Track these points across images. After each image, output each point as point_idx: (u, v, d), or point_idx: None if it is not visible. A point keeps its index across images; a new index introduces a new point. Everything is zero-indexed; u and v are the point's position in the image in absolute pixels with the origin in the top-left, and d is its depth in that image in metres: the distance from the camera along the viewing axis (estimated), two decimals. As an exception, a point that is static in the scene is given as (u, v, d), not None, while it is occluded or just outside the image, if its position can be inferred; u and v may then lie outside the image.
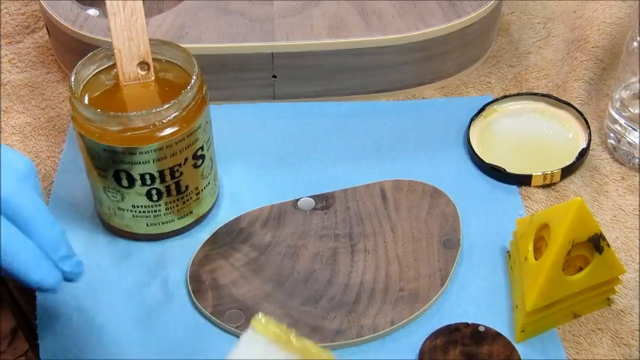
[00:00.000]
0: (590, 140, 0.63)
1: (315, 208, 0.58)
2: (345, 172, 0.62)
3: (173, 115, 0.51)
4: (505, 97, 0.67)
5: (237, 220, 0.58)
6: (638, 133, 0.61)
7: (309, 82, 0.67)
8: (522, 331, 0.50)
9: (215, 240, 0.56)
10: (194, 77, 0.52)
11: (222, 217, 0.59)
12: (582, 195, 0.59)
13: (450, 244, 0.56)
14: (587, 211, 0.49)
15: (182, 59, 0.55)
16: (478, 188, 0.61)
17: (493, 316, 0.52)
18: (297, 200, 0.59)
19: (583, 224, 0.49)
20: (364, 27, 0.66)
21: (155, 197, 0.54)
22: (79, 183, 0.59)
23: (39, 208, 0.43)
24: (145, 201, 0.53)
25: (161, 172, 0.53)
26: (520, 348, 0.49)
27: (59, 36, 0.68)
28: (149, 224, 0.56)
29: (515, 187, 0.61)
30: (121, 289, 0.54)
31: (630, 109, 0.62)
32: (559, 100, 0.66)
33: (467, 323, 0.50)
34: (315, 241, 0.56)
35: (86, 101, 0.53)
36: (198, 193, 0.56)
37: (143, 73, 0.55)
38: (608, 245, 0.50)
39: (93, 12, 0.70)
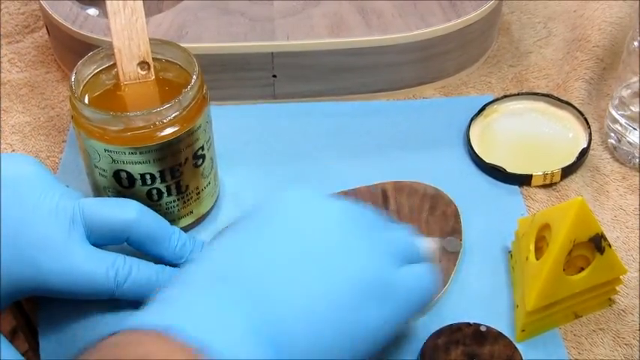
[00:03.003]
0: (590, 140, 0.63)
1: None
2: (346, 172, 0.62)
3: (173, 115, 0.51)
4: (505, 96, 0.67)
5: None
6: (638, 132, 0.61)
7: (310, 81, 0.67)
8: (523, 330, 0.50)
9: None
10: (194, 77, 0.52)
11: (223, 217, 0.59)
12: (583, 195, 0.59)
13: (452, 244, 0.56)
14: (588, 211, 0.49)
15: (182, 59, 0.55)
16: (478, 188, 0.61)
17: (495, 316, 0.51)
18: (298, 201, 0.59)
19: (584, 224, 0.49)
20: (364, 27, 0.66)
21: (156, 197, 0.54)
22: (80, 183, 0.59)
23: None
24: (145, 201, 0.53)
25: (161, 172, 0.53)
26: (522, 348, 0.49)
27: (59, 35, 0.68)
28: (149, 224, 0.55)
29: (516, 187, 0.61)
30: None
31: (631, 107, 0.62)
32: (559, 100, 0.66)
33: (468, 323, 0.50)
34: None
35: (86, 101, 0.53)
36: (199, 192, 0.56)
37: (143, 72, 0.54)
38: (610, 245, 0.50)
39: (93, 12, 0.70)
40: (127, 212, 0.50)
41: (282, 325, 0.39)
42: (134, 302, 0.49)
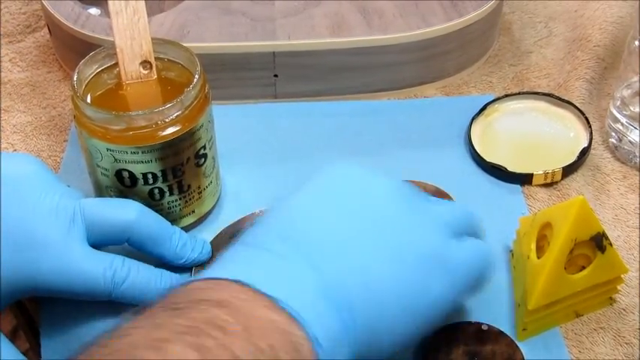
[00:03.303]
0: (591, 139, 0.63)
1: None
2: (347, 172, 0.62)
3: (175, 114, 0.51)
4: (506, 96, 0.67)
5: (239, 221, 0.57)
6: (639, 132, 0.61)
7: (311, 81, 0.67)
8: (524, 329, 0.50)
9: (218, 243, 0.56)
10: (196, 76, 0.52)
11: (224, 216, 0.59)
12: (584, 194, 0.59)
13: (453, 243, 0.56)
14: (590, 209, 0.49)
15: (184, 58, 0.55)
16: (480, 187, 0.61)
17: (496, 315, 0.52)
18: (300, 200, 0.59)
19: (585, 223, 0.49)
20: (365, 26, 0.66)
21: (158, 196, 0.54)
22: (81, 182, 0.59)
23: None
24: (147, 200, 0.53)
25: (163, 172, 0.53)
26: (523, 347, 0.49)
27: (60, 35, 0.68)
28: (151, 223, 0.55)
29: (517, 186, 0.61)
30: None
31: (631, 107, 0.62)
32: (560, 100, 0.66)
33: (470, 322, 0.50)
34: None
35: (88, 100, 0.53)
36: (201, 192, 0.56)
37: (145, 72, 0.54)
38: (611, 244, 0.50)
39: (94, 11, 0.70)
40: (128, 213, 0.50)
41: (349, 293, 0.40)
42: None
